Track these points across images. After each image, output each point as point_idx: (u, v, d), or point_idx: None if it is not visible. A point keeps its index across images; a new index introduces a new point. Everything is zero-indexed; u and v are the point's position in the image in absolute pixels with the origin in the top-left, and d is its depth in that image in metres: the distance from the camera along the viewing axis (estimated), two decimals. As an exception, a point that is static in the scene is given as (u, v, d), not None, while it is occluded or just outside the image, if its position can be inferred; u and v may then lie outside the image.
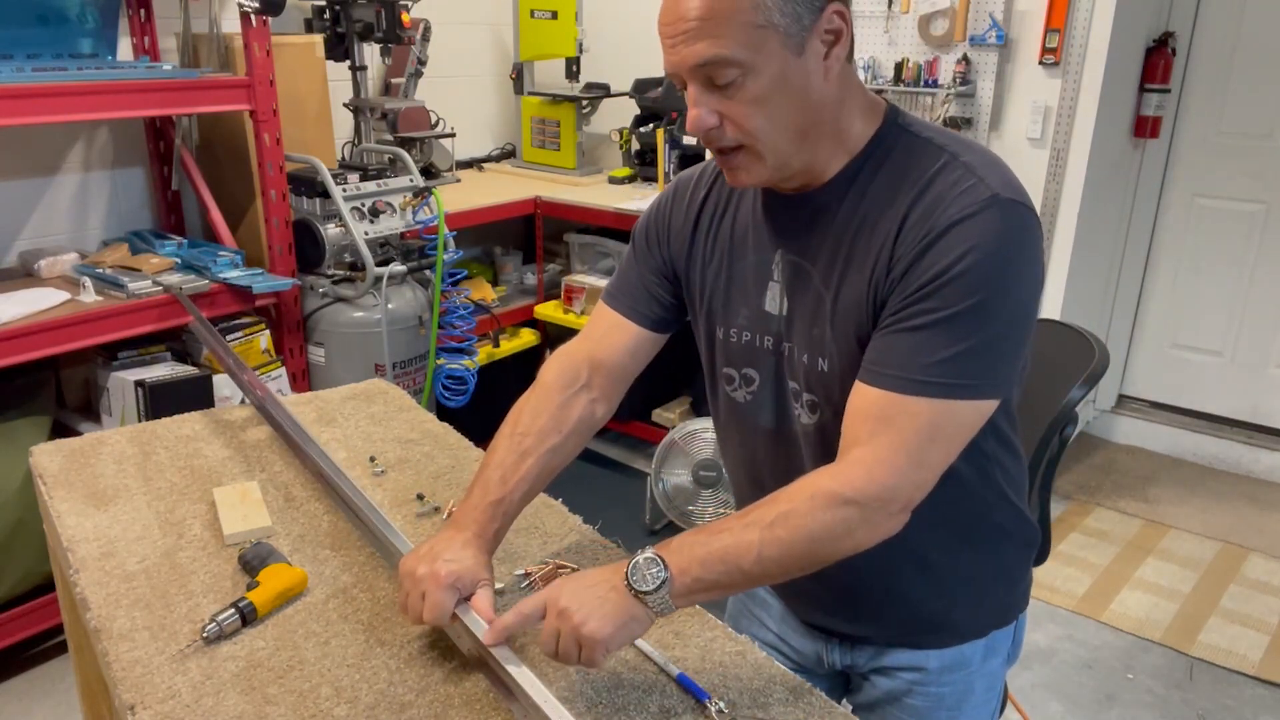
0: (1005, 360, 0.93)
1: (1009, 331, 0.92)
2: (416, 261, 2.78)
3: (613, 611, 0.91)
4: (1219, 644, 2.54)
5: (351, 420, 1.63)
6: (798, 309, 1.05)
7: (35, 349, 2.11)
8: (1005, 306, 0.91)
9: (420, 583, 0.99)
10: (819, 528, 0.91)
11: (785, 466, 1.12)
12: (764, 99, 0.92)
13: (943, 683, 1.17)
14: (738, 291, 1.10)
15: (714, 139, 0.96)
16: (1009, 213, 0.91)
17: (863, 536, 0.93)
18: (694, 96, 0.93)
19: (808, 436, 1.08)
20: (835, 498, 0.91)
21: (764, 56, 0.90)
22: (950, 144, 0.98)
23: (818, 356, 1.03)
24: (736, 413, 1.16)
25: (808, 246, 1.03)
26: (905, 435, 0.91)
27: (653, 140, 3.41)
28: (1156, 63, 3.27)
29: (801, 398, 1.07)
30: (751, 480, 1.19)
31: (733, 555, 0.92)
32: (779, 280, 1.06)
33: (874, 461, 0.91)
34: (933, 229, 0.92)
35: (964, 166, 0.94)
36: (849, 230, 0.99)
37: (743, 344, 1.11)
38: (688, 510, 2.90)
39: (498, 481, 1.09)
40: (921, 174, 0.96)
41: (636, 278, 1.18)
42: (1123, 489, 3.38)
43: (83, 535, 1.24)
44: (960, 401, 0.92)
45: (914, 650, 1.17)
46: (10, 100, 1.97)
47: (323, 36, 2.84)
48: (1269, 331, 3.45)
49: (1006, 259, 0.91)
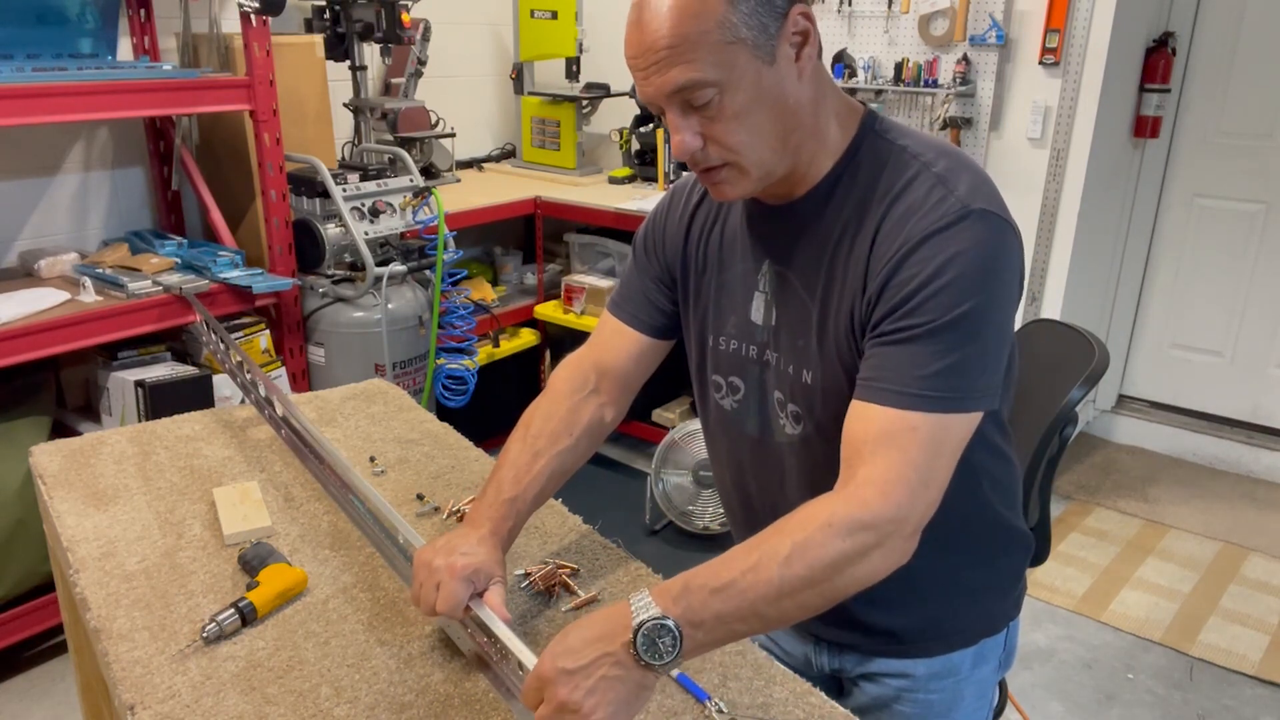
0: (988, 372, 0.93)
1: (990, 343, 0.92)
2: (416, 261, 2.78)
3: (625, 694, 0.82)
4: (1219, 644, 2.54)
5: (351, 420, 1.63)
6: (783, 320, 1.05)
7: (35, 349, 2.11)
8: (985, 318, 0.90)
9: (436, 574, 0.99)
10: (839, 557, 0.85)
11: (769, 476, 1.13)
12: (743, 113, 0.92)
13: (931, 690, 1.16)
14: (727, 300, 1.11)
15: (699, 160, 0.96)
16: (980, 223, 0.91)
17: (879, 563, 0.88)
18: (674, 122, 0.93)
19: (792, 447, 1.08)
20: (852, 523, 0.86)
21: (737, 72, 0.90)
22: (924, 152, 0.97)
23: (803, 368, 1.03)
24: (723, 420, 1.17)
25: (792, 258, 1.04)
26: (909, 453, 0.88)
27: (653, 140, 3.42)
28: (1156, 63, 3.27)
29: (786, 408, 1.07)
30: (737, 486, 1.20)
31: (749, 602, 0.84)
32: (764, 290, 1.07)
33: (884, 481, 0.88)
34: (906, 241, 0.92)
35: (935, 177, 0.94)
36: (829, 242, 1.00)
37: (730, 352, 1.12)
38: (688, 510, 2.90)
39: (511, 480, 1.10)
40: (891, 185, 0.96)
41: (638, 285, 1.20)
42: (1123, 489, 3.38)
43: (83, 535, 1.24)
44: (953, 415, 0.90)
45: (900, 659, 1.16)
46: (10, 100, 1.97)
47: (323, 36, 2.84)
48: (1269, 331, 3.45)
49: (982, 270, 0.90)
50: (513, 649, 0.91)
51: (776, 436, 1.10)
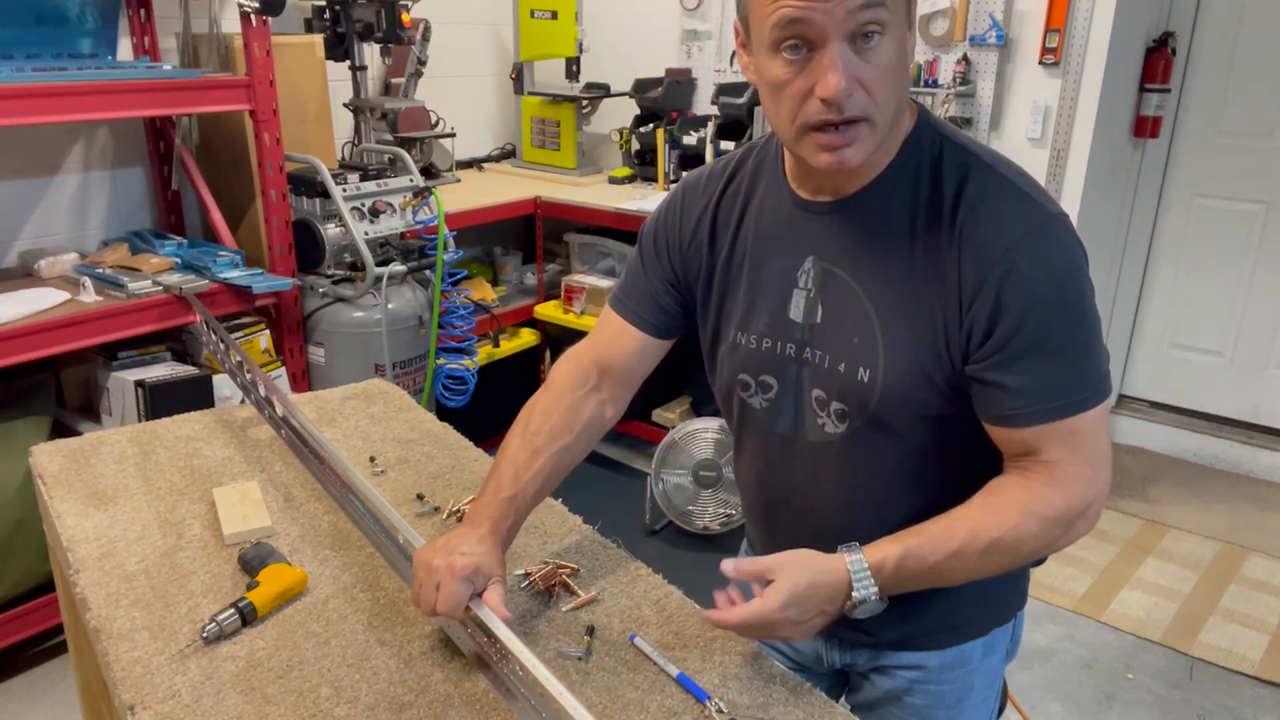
0: (1106, 356, 0.98)
1: (1100, 334, 0.97)
2: (416, 261, 2.78)
3: (817, 627, 0.97)
4: (1219, 644, 2.54)
5: (351, 420, 1.63)
6: (832, 317, 1.03)
7: (35, 349, 2.11)
8: (1092, 315, 0.96)
9: (436, 574, 0.99)
10: (1034, 545, 0.97)
11: (798, 476, 1.11)
12: (895, 66, 0.90)
13: (943, 680, 1.16)
14: (760, 297, 1.08)
15: (844, 108, 0.89)
16: (1064, 226, 0.95)
17: (1062, 545, 0.99)
18: (832, 58, 0.86)
19: (829, 447, 1.07)
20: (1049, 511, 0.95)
21: (899, 22, 0.89)
22: (984, 154, 0.99)
23: (858, 366, 1.01)
24: (751, 419, 1.14)
25: (845, 254, 1.02)
26: (1084, 448, 0.96)
27: (653, 140, 3.42)
28: (1156, 63, 3.27)
29: (829, 406, 1.05)
30: (762, 485, 1.18)
31: (938, 578, 0.97)
32: (806, 287, 1.05)
33: (1070, 471, 0.96)
34: (1008, 254, 0.92)
35: (1008, 182, 0.96)
36: (893, 240, 0.99)
37: (762, 350, 1.09)
38: (687, 510, 2.90)
39: (510, 479, 1.09)
40: (962, 185, 0.96)
41: (644, 284, 1.18)
42: (1123, 489, 3.38)
43: (83, 535, 1.24)
44: (1102, 405, 0.96)
45: (914, 651, 1.16)
46: (10, 100, 1.97)
47: (323, 36, 2.84)
48: (1269, 331, 3.45)
49: (1079, 271, 0.95)
50: (512, 649, 0.91)
51: (811, 436, 1.08)
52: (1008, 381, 0.94)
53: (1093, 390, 0.95)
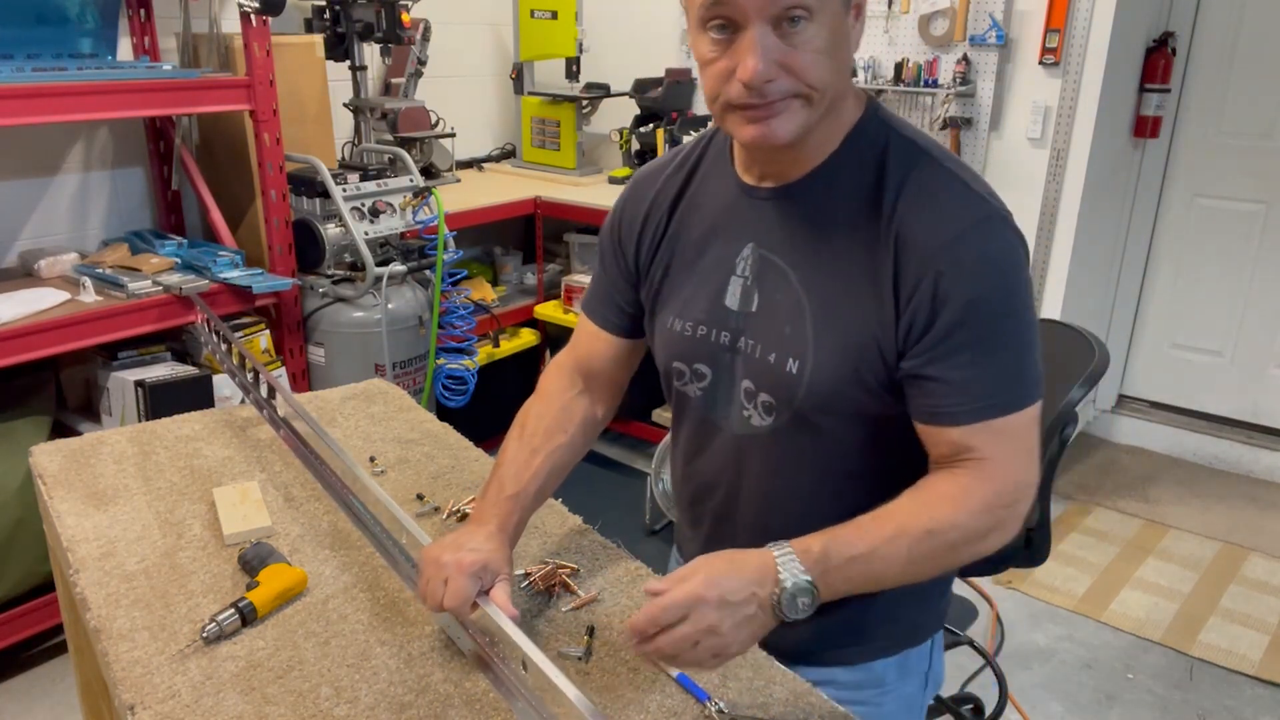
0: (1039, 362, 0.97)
1: (1035, 336, 0.96)
2: (416, 261, 2.78)
3: (756, 632, 0.89)
4: (1219, 644, 2.54)
5: (351, 420, 1.63)
6: (767, 306, 1.02)
7: (35, 349, 2.11)
8: (1030, 315, 0.95)
9: (444, 569, 0.98)
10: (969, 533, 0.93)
11: (726, 467, 1.11)
12: (826, 49, 0.90)
13: (855, 701, 1.10)
14: (700, 284, 1.08)
15: (766, 92, 0.90)
16: (1004, 222, 0.94)
17: (997, 540, 0.94)
18: (753, 43, 0.88)
19: (756, 440, 1.06)
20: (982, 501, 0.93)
21: (831, 8, 0.89)
22: (932, 148, 0.98)
23: (787, 356, 1.00)
24: (685, 408, 1.14)
25: (782, 242, 1.01)
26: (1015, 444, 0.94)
27: (653, 140, 3.41)
28: (1156, 63, 3.27)
29: (757, 398, 1.04)
30: (687, 477, 1.17)
31: (878, 570, 0.91)
32: (743, 275, 1.04)
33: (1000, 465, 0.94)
34: (946, 248, 0.91)
35: (951, 175, 0.95)
36: (832, 229, 0.98)
37: (697, 338, 1.08)
38: (688, 510, 2.90)
39: (512, 477, 1.10)
40: (904, 177, 0.95)
41: (606, 286, 1.19)
42: (1123, 489, 3.38)
43: (83, 535, 1.24)
44: (1034, 406, 0.95)
45: (820, 666, 1.11)
46: (10, 100, 1.97)
47: (323, 36, 2.84)
48: (1269, 331, 3.45)
49: (1019, 270, 0.94)
50: (521, 645, 0.91)
51: (738, 428, 1.07)
52: (945, 375, 0.93)
53: (1027, 390, 0.94)
